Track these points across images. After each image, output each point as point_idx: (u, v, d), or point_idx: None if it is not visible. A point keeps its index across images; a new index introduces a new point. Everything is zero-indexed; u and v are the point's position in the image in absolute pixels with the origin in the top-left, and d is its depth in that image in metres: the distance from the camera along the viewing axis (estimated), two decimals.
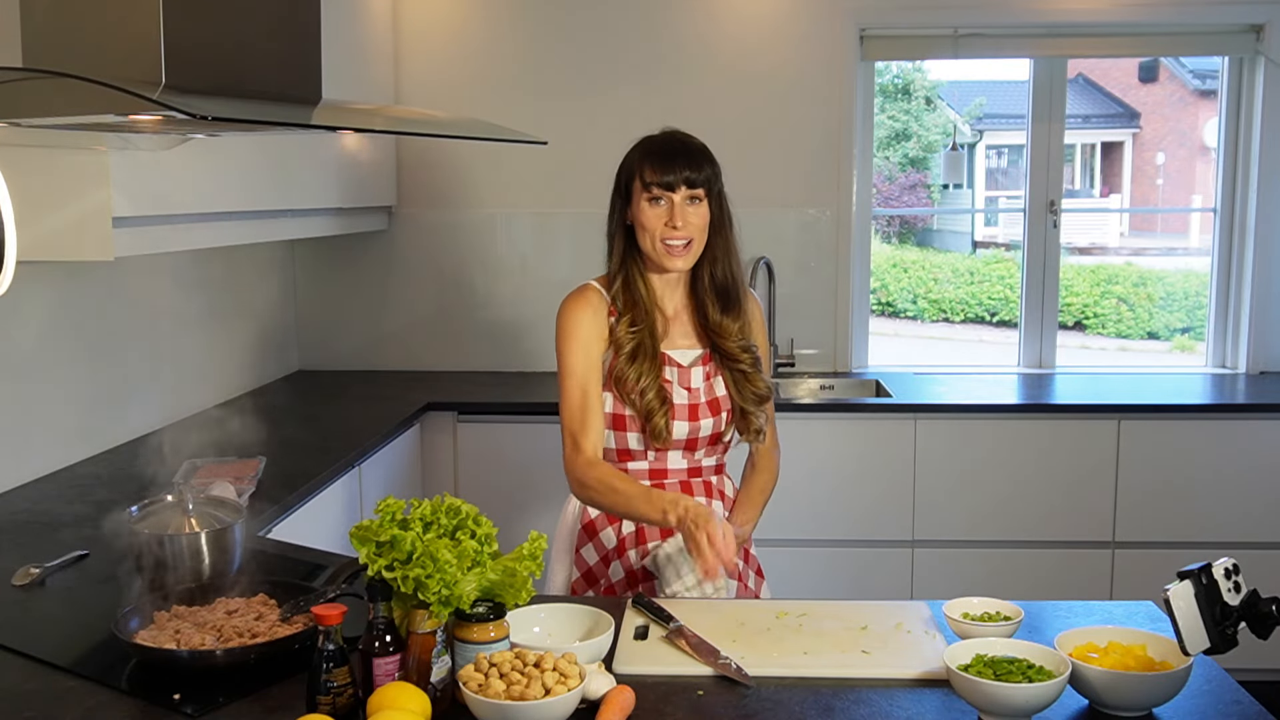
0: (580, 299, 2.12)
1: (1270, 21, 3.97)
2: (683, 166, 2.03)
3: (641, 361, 2.05)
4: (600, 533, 2.14)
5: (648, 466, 2.12)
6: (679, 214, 2.02)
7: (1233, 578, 1.43)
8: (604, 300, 2.12)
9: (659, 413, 2.04)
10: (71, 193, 2.21)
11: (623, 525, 2.12)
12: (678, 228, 2.02)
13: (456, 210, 4.17)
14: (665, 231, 2.03)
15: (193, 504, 1.88)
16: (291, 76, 1.88)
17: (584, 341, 2.08)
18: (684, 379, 2.10)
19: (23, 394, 2.58)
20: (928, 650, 1.63)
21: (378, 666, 1.42)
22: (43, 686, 1.52)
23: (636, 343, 2.06)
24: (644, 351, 2.06)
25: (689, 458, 2.12)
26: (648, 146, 2.09)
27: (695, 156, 2.05)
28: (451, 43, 4.09)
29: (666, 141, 2.08)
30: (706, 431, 2.10)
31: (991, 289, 4.95)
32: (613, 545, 2.12)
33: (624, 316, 2.08)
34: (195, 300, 3.38)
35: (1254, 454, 3.58)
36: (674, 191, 2.02)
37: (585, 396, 2.07)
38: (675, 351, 2.11)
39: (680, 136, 2.10)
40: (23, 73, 1.54)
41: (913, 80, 5.04)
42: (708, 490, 2.15)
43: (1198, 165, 4.71)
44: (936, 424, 3.62)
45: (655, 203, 2.03)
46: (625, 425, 2.08)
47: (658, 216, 2.03)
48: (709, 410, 2.10)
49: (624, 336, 2.07)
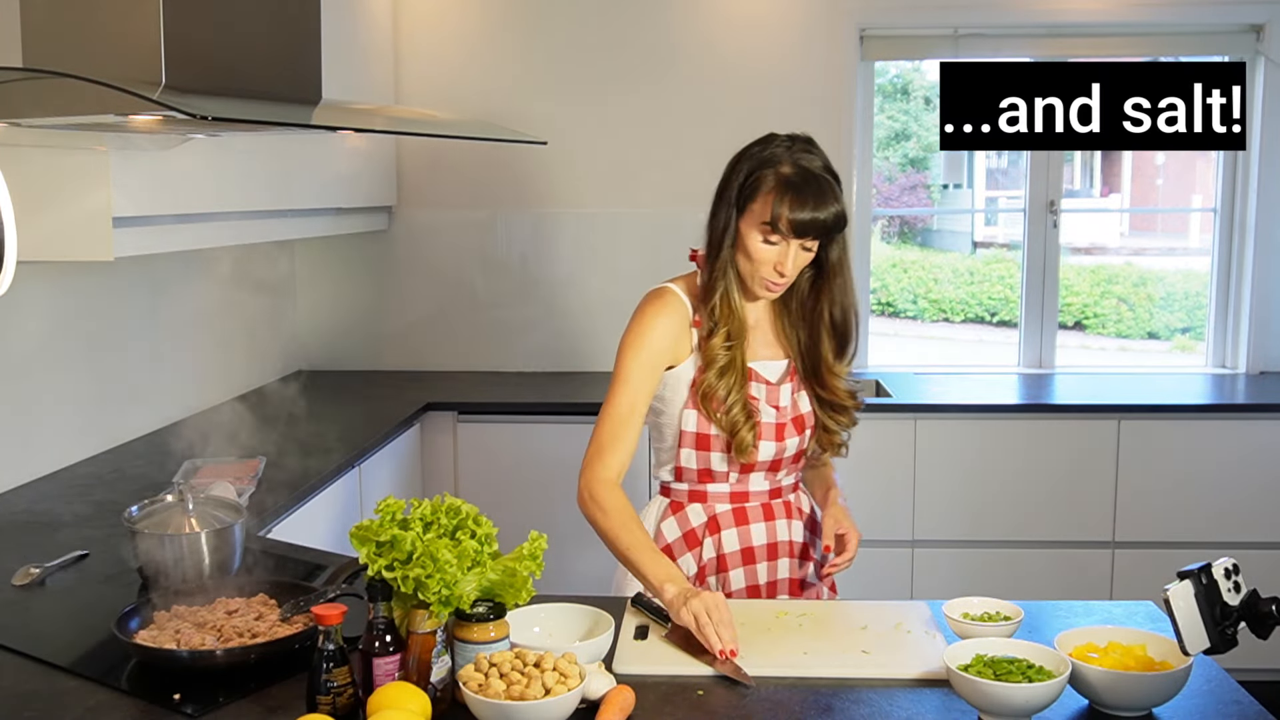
0: (661, 305, 1.94)
1: (1270, 21, 3.97)
2: (820, 214, 1.81)
3: (730, 376, 1.90)
4: (679, 559, 1.98)
5: (729, 489, 1.98)
6: (791, 261, 1.85)
7: (1233, 578, 1.43)
8: (686, 308, 1.95)
9: (744, 426, 1.89)
10: (71, 193, 2.21)
11: (703, 551, 1.98)
12: (785, 274, 1.87)
13: (456, 210, 4.16)
14: (770, 273, 1.87)
15: (193, 504, 1.89)
16: (291, 76, 1.88)
17: (652, 353, 1.92)
18: (772, 397, 1.95)
19: (23, 394, 2.58)
20: (928, 650, 1.62)
21: (378, 666, 1.42)
22: (43, 686, 1.52)
23: (730, 358, 1.91)
24: (734, 366, 1.91)
25: (771, 479, 1.99)
26: (786, 178, 1.83)
27: (829, 199, 1.82)
28: (451, 43, 4.09)
29: (807, 178, 1.83)
30: (791, 450, 1.97)
31: (991, 289, 4.94)
32: (693, 573, 1.98)
33: (720, 329, 1.91)
34: (195, 300, 3.38)
35: (1254, 454, 3.58)
36: (798, 238, 1.84)
37: (631, 409, 1.92)
38: (760, 364, 1.96)
39: (820, 175, 1.85)
40: (23, 73, 1.54)
41: (912, 80, 5.03)
42: (789, 511, 2.02)
43: (1198, 165, 4.71)
44: (936, 424, 3.62)
45: (769, 243, 1.85)
46: (710, 445, 1.94)
47: (767, 256, 1.86)
48: (794, 429, 1.97)
49: (718, 352, 1.90)
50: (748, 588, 1.99)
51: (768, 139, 1.91)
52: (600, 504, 1.89)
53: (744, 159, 1.90)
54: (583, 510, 1.94)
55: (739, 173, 1.89)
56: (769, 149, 1.88)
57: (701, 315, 1.94)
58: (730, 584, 1.98)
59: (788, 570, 2.02)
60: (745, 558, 1.98)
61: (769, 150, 1.88)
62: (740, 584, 1.98)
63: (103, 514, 2.32)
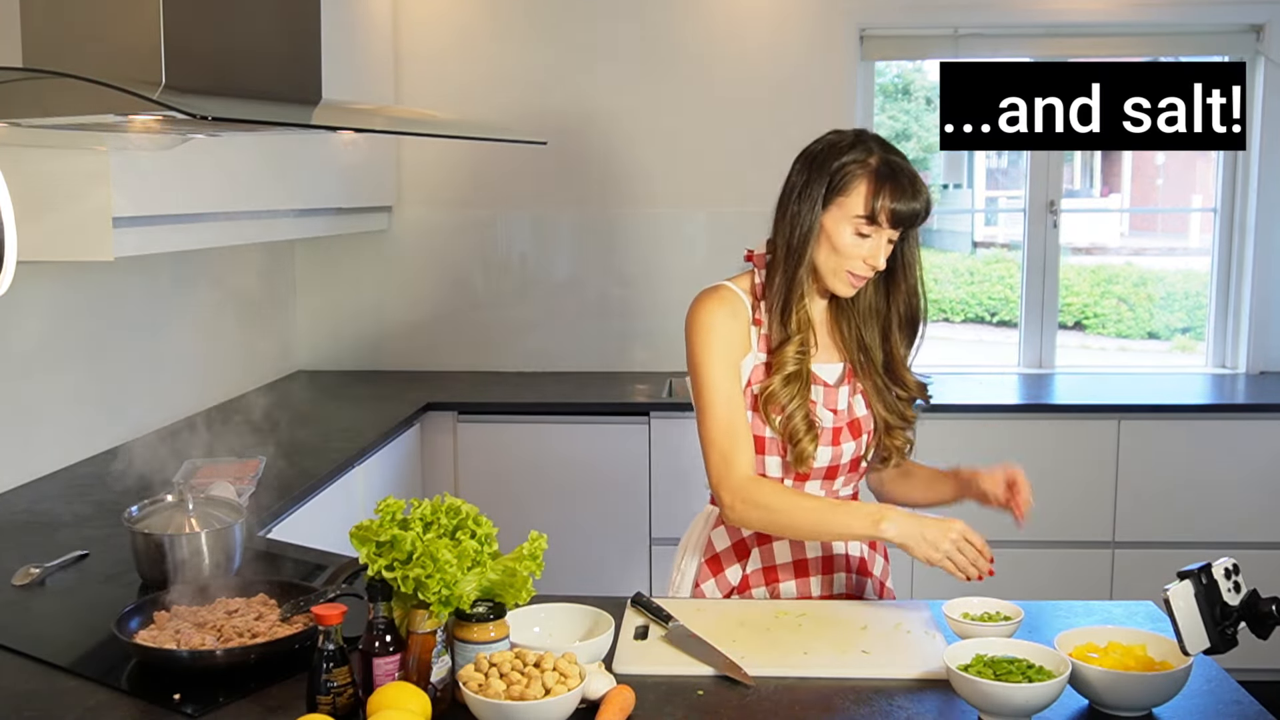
0: (716, 301, 1.89)
1: (1270, 21, 3.97)
2: (913, 201, 1.81)
3: (795, 385, 1.86)
4: (726, 569, 1.96)
5: None
6: (883, 253, 1.83)
7: (1233, 578, 1.43)
8: (745, 305, 1.90)
9: (805, 436, 1.84)
10: (71, 193, 2.21)
11: (749, 561, 1.94)
12: (877, 265, 1.83)
13: (456, 210, 4.16)
14: (860, 265, 1.83)
15: (193, 504, 1.89)
16: (291, 76, 1.88)
17: (725, 350, 1.87)
18: (830, 400, 1.90)
19: (23, 394, 2.58)
20: (928, 650, 1.63)
21: (378, 666, 1.42)
22: (43, 686, 1.52)
23: (799, 366, 1.86)
24: (800, 376, 1.86)
25: (827, 487, 1.93)
26: (882, 169, 1.82)
27: (919, 189, 1.82)
28: (451, 43, 4.09)
29: (903, 166, 1.83)
30: (848, 456, 1.92)
31: (991, 289, 4.94)
32: (737, 581, 1.95)
33: (795, 337, 1.87)
34: (195, 300, 3.38)
35: (1254, 454, 3.58)
36: (897, 229, 1.82)
37: (732, 410, 1.85)
38: (819, 367, 1.90)
39: (908, 165, 1.84)
40: (23, 73, 1.54)
41: (913, 80, 5.03)
42: None
43: (1198, 165, 4.71)
44: (938, 424, 3.61)
45: (861, 235, 1.82)
46: (764, 449, 1.88)
47: (859, 250, 1.82)
48: (850, 433, 1.91)
49: (789, 358, 1.86)
50: (799, 599, 1.92)
51: (835, 136, 1.88)
52: (758, 502, 1.81)
53: (821, 157, 1.86)
54: (743, 521, 1.85)
55: (822, 170, 1.85)
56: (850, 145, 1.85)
57: (762, 315, 1.90)
58: (780, 595, 1.94)
59: (844, 585, 1.98)
60: (799, 569, 1.94)
61: (849, 145, 1.85)
62: (792, 595, 1.93)
63: (103, 514, 2.32)
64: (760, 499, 1.80)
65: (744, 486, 1.82)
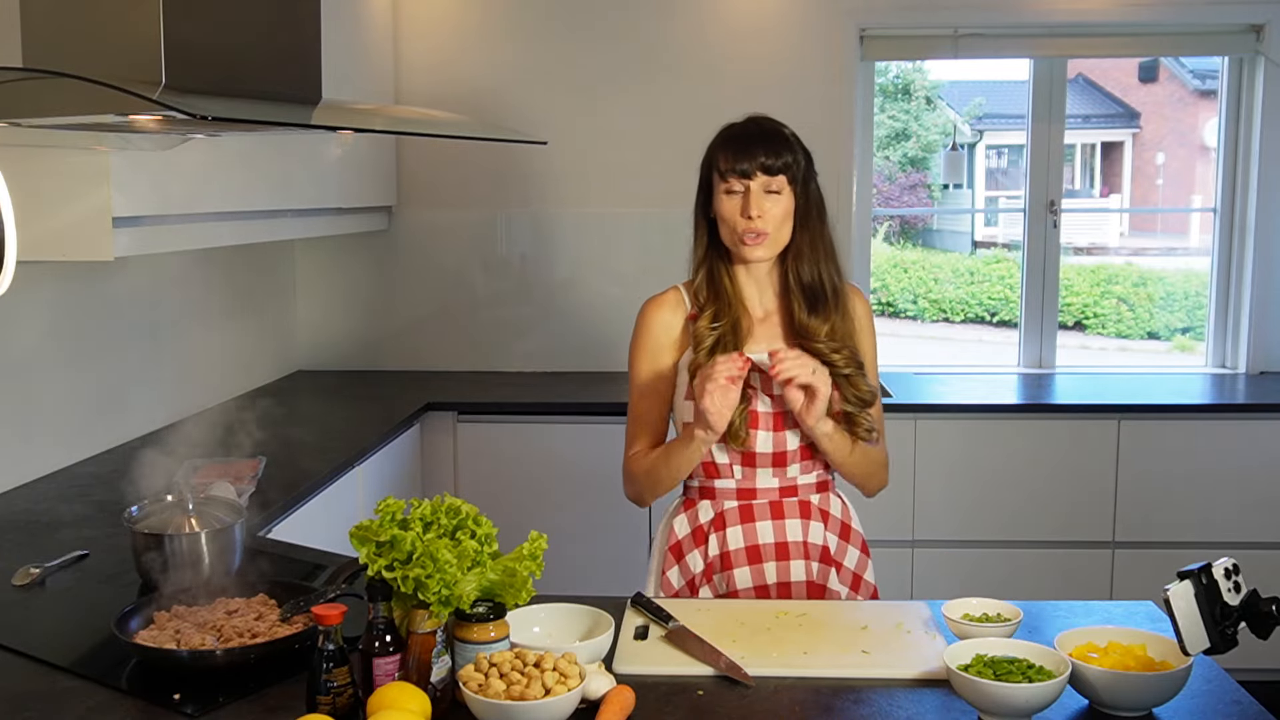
0: (657, 303, 2.05)
1: (1270, 21, 3.97)
2: (759, 153, 1.92)
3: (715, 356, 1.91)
4: (686, 556, 2.02)
5: (735, 485, 1.99)
6: (754, 203, 1.91)
7: (1233, 578, 1.43)
8: (684, 302, 2.02)
9: (736, 412, 1.88)
10: (71, 193, 2.21)
11: (709, 548, 2.00)
12: (753, 218, 1.91)
13: (456, 210, 4.17)
14: (741, 222, 1.92)
15: (193, 504, 1.89)
16: (291, 76, 1.88)
17: (652, 350, 2.02)
18: (767, 386, 1.94)
19: (23, 394, 2.58)
20: (928, 650, 1.62)
21: (378, 666, 1.42)
22: (43, 686, 1.52)
23: (717, 338, 1.95)
24: (724, 346, 1.93)
25: (780, 475, 1.98)
26: (726, 133, 1.99)
27: (774, 142, 1.94)
28: (451, 43, 4.09)
29: (745, 127, 1.98)
30: (794, 444, 1.96)
31: (991, 289, 4.94)
32: (699, 569, 2.01)
33: (706, 311, 1.98)
34: (195, 300, 3.38)
35: (1254, 454, 3.58)
36: (750, 179, 1.91)
37: (645, 404, 2.02)
38: (757, 355, 1.92)
39: (761, 122, 1.98)
40: (23, 73, 1.54)
41: (913, 80, 5.03)
42: (804, 511, 2.00)
43: (1198, 165, 4.71)
44: (936, 424, 3.62)
45: (732, 194, 1.93)
46: None
47: (734, 206, 1.93)
48: (795, 420, 1.93)
49: (704, 331, 1.96)
50: (755, 588, 1.97)
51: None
52: (631, 473, 2.03)
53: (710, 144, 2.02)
54: (632, 497, 2.08)
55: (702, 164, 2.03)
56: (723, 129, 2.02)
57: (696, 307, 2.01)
58: (735, 582, 1.98)
59: (803, 573, 1.99)
60: (751, 556, 1.97)
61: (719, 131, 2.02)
62: (747, 583, 1.98)
63: (103, 514, 2.32)
64: (631, 470, 2.02)
65: (625, 466, 2.04)
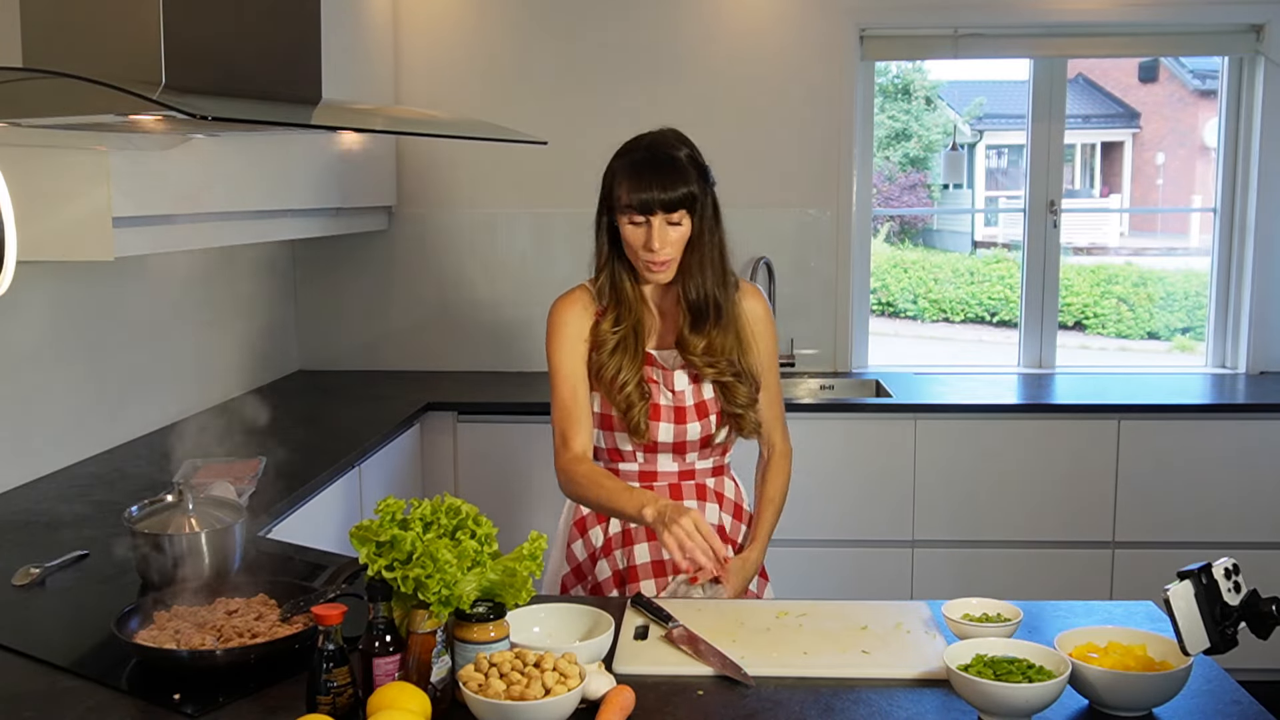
0: (568, 300, 2.13)
1: (1270, 21, 3.97)
2: (658, 190, 1.96)
3: (622, 355, 2.04)
4: (589, 530, 2.14)
5: (638, 469, 2.11)
6: (657, 236, 1.98)
7: (1233, 578, 1.43)
8: (592, 300, 2.12)
9: (637, 407, 2.02)
10: (71, 193, 2.21)
11: (610, 525, 2.12)
12: (654, 250, 1.99)
13: (456, 210, 4.17)
14: (644, 253, 2.00)
15: (193, 504, 1.89)
16: (291, 76, 1.88)
17: (569, 341, 2.09)
18: (668, 381, 2.08)
19: (23, 394, 2.58)
20: (928, 650, 1.63)
21: (378, 666, 1.42)
22: (43, 686, 1.52)
23: (619, 339, 2.06)
24: (625, 347, 2.05)
25: (680, 461, 2.11)
26: (628, 163, 2.01)
27: (671, 177, 1.97)
28: (451, 43, 4.09)
29: (646, 161, 2.00)
30: (694, 435, 2.08)
31: (991, 289, 4.95)
32: (600, 544, 2.13)
33: (609, 314, 2.08)
34: (195, 300, 3.38)
35: (1254, 454, 3.58)
36: (651, 214, 1.97)
37: (574, 394, 2.07)
38: (660, 352, 2.10)
39: (660, 153, 2.01)
40: (23, 73, 1.54)
41: (913, 80, 5.04)
42: (700, 493, 2.13)
43: (1198, 165, 4.72)
44: (936, 424, 3.62)
45: (635, 224, 2.00)
46: (614, 425, 2.08)
47: (637, 236, 2.00)
48: (696, 414, 2.08)
49: (606, 333, 2.07)
50: (653, 562, 2.08)
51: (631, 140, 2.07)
52: (573, 478, 2.04)
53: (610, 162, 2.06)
54: (568, 495, 2.10)
55: (604, 179, 2.06)
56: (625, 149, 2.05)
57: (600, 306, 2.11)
58: (635, 557, 2.08)
59: None
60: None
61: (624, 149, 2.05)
62: (645, 558, 2.08)
63: (103, 514, 2.32)
64: (576, 477, 2.03)
65: (569, 465, 2.05)
